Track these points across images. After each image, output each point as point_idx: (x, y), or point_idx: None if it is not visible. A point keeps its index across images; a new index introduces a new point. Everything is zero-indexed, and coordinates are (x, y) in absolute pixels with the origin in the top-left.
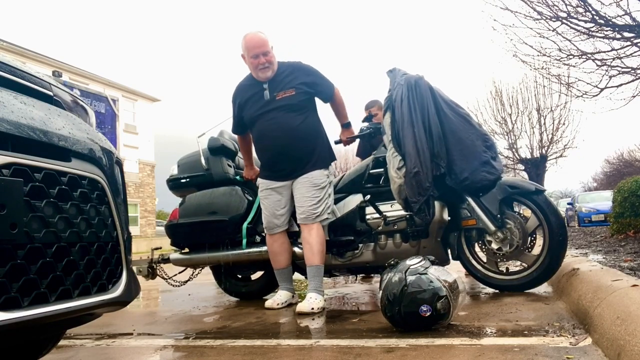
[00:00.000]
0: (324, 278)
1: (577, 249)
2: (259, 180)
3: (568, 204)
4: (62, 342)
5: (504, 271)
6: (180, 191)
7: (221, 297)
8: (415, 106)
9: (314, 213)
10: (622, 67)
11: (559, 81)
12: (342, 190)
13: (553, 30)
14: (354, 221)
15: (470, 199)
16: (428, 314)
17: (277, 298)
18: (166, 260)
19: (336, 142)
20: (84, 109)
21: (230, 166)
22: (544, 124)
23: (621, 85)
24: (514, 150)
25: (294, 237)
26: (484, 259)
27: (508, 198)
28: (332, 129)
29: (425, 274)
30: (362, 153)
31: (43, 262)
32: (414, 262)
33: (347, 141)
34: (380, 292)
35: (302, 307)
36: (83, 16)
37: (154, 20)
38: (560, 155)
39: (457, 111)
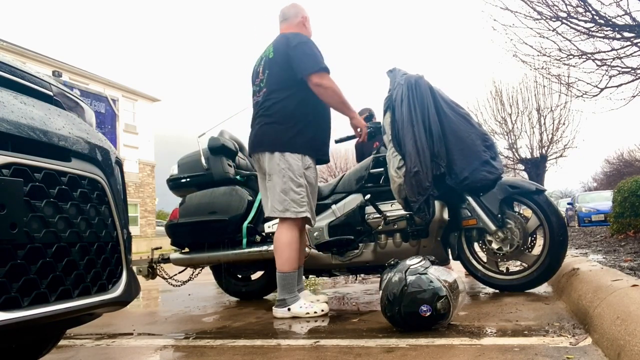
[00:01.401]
0: (324, 277)
1: (577, 249)
2: (307, 161)
3: (568, 204)
4: (62, 342)
5: (504, 271)
6: (181, 191)
7: (221, 297)
8: (415, 106)
9: None
10: (622, 67)
11: (559, 81)
12: (342, 190)
13: (553, 30)
14: (354, 221)
15: (470, 199)
16: (428, 314)
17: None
18: (166, 260)
19: (336, 142)
20: (84, 109)
21: (230, 166)
22: (544, 124)
23: (621, 85)
24: (514, 150)
25: None
26: (484, 259)
27: (508, 198)
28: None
29: (425, 274)
30: (358, 159)
31: (43, 262)
32: (414, 262)
33: (361, 134)
34: (380, 292)
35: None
36: (83, 16)
37: (153, 20)
38: (560, 155)
39: (457, 111)
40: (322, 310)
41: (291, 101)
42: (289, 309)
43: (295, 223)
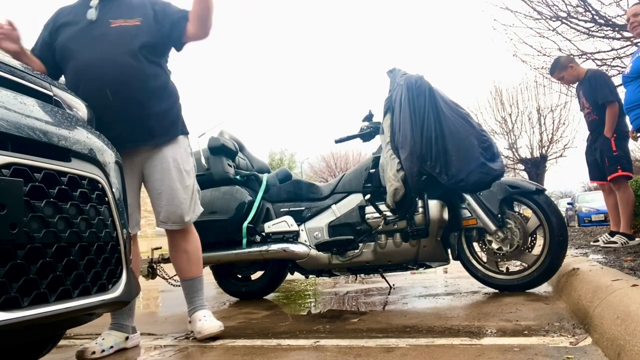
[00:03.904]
0: (325, 277)
1: (577, 249)
2: None
3: (568, 204)
4: (62, 342)
5: (504, 271)
6: None
7: (221, 297)
8: (415, 107)
9: None
10: (622, 67)
11: (559, 81)
12: (342, 190)
13: (553, 30)
14: (354, 220)
15: (470, 199)
16: None
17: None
18: (166, 260)
19: (336, 142)
20: (84, 109)
21: (230, 166)
22: (544, 123)
23: (621, 85)
24: (514, 150)
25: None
26: (484, 259)
27: (508, 198)
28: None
29: None
30: None
31: (43, 262)
32: None
33: None
34: None
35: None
36: None
37: None
38: (560, 155)
39: (457, 111)
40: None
41: None
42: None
43: None
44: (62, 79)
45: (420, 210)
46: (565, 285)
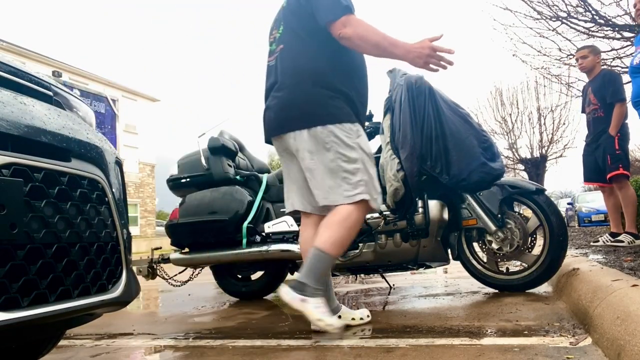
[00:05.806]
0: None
1: (577, 249)
2: (359, 129)
3: (568, 204)
4: (62, 342)
5: (504, 271)
6: (181, 191)
7: (221, 297)
8: (415, 106)
9: None
10: (622, 67)
11: (559, 81)
12: None
13: (553, 30)
14: None
15: (470, 199)
16: None
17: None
18: (166, 260)
19: None
20: (84, 109)
21: (230, 166)
22: (544, 124)
23: (628, 82)
24: (514, 150)
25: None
26: (484, 259)
27: (508, 198)
28: None
29: None
30: None
31: (43, 262)
32: None
33: None
34: None
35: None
36: (83, 16)
37: (153, 20)
38: (560, 155)
39: (457, 111)
40: (337, 328)
41: (319, 56)
42: (303, 300)
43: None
44: (62, 78)
45: (420, 210)
46: (565, 285)
